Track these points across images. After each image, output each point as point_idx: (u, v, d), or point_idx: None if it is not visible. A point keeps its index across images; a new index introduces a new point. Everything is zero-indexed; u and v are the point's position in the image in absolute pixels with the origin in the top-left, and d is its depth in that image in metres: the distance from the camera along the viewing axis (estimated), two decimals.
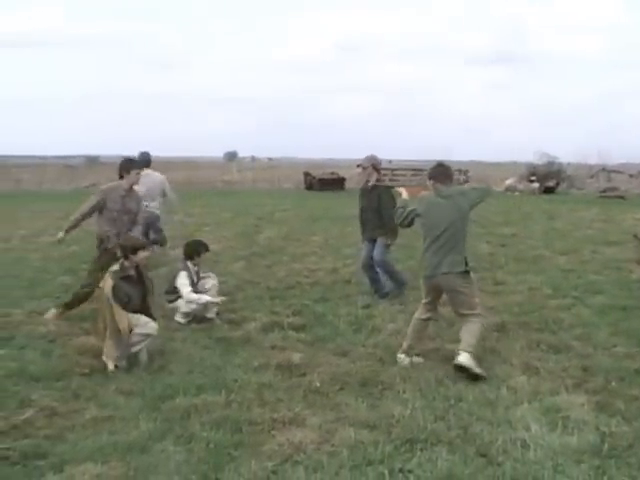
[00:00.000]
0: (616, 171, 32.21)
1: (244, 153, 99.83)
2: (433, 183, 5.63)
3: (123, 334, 5.41)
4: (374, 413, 4.52)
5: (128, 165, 7.15)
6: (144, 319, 5.60)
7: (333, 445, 4.05)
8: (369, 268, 8.09)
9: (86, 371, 5.39)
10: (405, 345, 5.65)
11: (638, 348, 5.96)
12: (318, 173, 31.80)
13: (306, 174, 31.77)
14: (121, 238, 6.82)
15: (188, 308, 6.85)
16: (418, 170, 31.10)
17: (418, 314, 5.71)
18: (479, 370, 5.17)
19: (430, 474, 3.69)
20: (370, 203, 7.96)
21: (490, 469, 3.75)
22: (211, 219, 16.97)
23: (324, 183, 29.88)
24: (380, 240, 7.85)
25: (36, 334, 6.40)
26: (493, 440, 4.08)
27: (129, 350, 5.51)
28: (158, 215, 9.62)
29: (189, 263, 7.10)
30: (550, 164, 30.72)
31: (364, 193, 8.14)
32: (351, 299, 7.97)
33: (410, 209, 5.72)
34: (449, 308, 5.91)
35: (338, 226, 15.13)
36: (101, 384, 5.11)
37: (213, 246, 10.14)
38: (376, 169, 8.00)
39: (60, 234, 7.04)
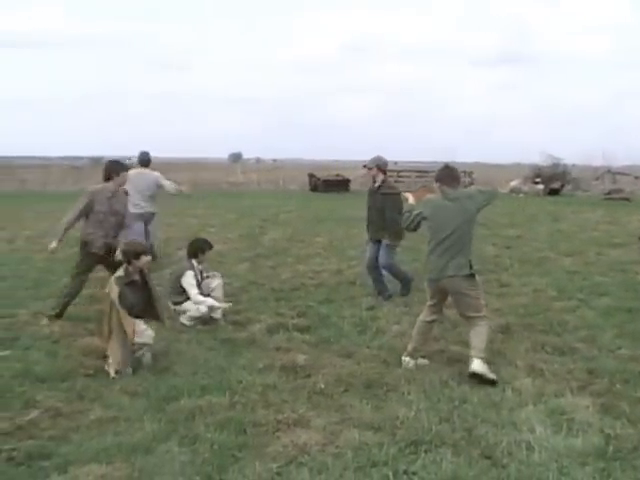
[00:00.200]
0: (621, 173, 32.11)
1: (249, 154, 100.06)
2: (440, 185, 5.57)
3: (129, 339, 5.42)
4: (379, 415, 4.51)
5: (117, 167, 7.14)
6: (142, 327, 5.56)
7: (337, 446, 4.04)
8: (374, 269, 8.10)
9: (91, 372, 5.40)
10: (410, 347, 5.63)
11: None
12: (323, 175, 31.84)
13: (311, 175, 31.79)
14: (108, 240, 6.83)
15: (198, 313, 6.82)
16: (423, 172, 31.16)
17: (423, 316, 5.69)
18: (492, 376, 5.15)
19: (435, 476, 3.68)
20: (375, 204, 8.00)
21: (495, 471, 3.74)
22: (216, 220, 16.99)
23: (329, 184, 29.91)
24: (385, 242, 7.85)
25: (41, 335, 6.42)
26: (498, 442, 4.07)
27: (132, 355, 5.51)
28: (152, 212, 9.63)
29: (194, 261, 7.13)
30: (555, 166, 30.70)
31: (371, 193, 8.18)
32: (356, 300, 7.96)
33: (416, 212, 5.66)
34: (454, 310, 5.90)
35: (343, 227, 15.14)
36: (106, 385, 5.12)
37: (218, 247, 10.16)
38: (382, 170, 8.00)
39: (53, 244, 6.87)
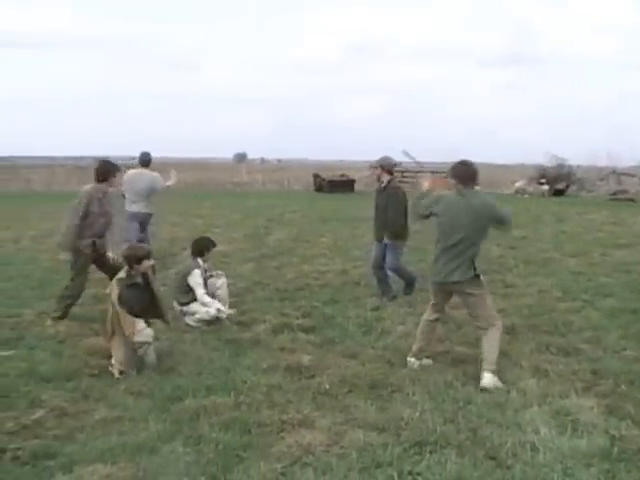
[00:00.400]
0: (626, 174, 31.99)
1: (253, 155, 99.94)
2: (455, 184, 5.35)
3: (129, 338, 5.44)
4: (383, 415, 4.51)
5: (112, 168, 7.14)
6: (141, 326, 5.55)
7: (342, 447, 4.04)
8: (379, 269, 8.09)
9: (96, 372, 5.41)
10: (415, 348, 5.61)
11: None
12: (328, 175, 31.85)
13: (315, 176, 31.81)
14: (98, 241, 6.86)
15: (208, 316, 6.81)
16: (429, 172, 31.03)
17: (426, 315, 5.67)
18: (501, 385, 5.10)
19: (439, 477, 3.67)
20: (380, 203, 7.99)
21: (499, 472, 3.73)
22: (221, 220, 17.02)
23: (334, 185, 29.92)
24: (387, 242, 7.84)
25: (46, 335, 6.44)
26: (502, 443, 4.06)
27: (135, 354, 5.52)
28: (148, 213, 9.54)
29: (200, 260, 7.14)
30: (560, 166, 30.64)
31: (377, 193, 8.18)
32: (360, 301, 7.96)
33: (429, 203, 5.43)
34: (459, 311, 5.89)
35: (347, 228, 15.15)
36: (111, 385, 5.13)
37: (223, 247, 10.17)
38: (387, 170, 7.97)
39: (64, 255, 6.91)
